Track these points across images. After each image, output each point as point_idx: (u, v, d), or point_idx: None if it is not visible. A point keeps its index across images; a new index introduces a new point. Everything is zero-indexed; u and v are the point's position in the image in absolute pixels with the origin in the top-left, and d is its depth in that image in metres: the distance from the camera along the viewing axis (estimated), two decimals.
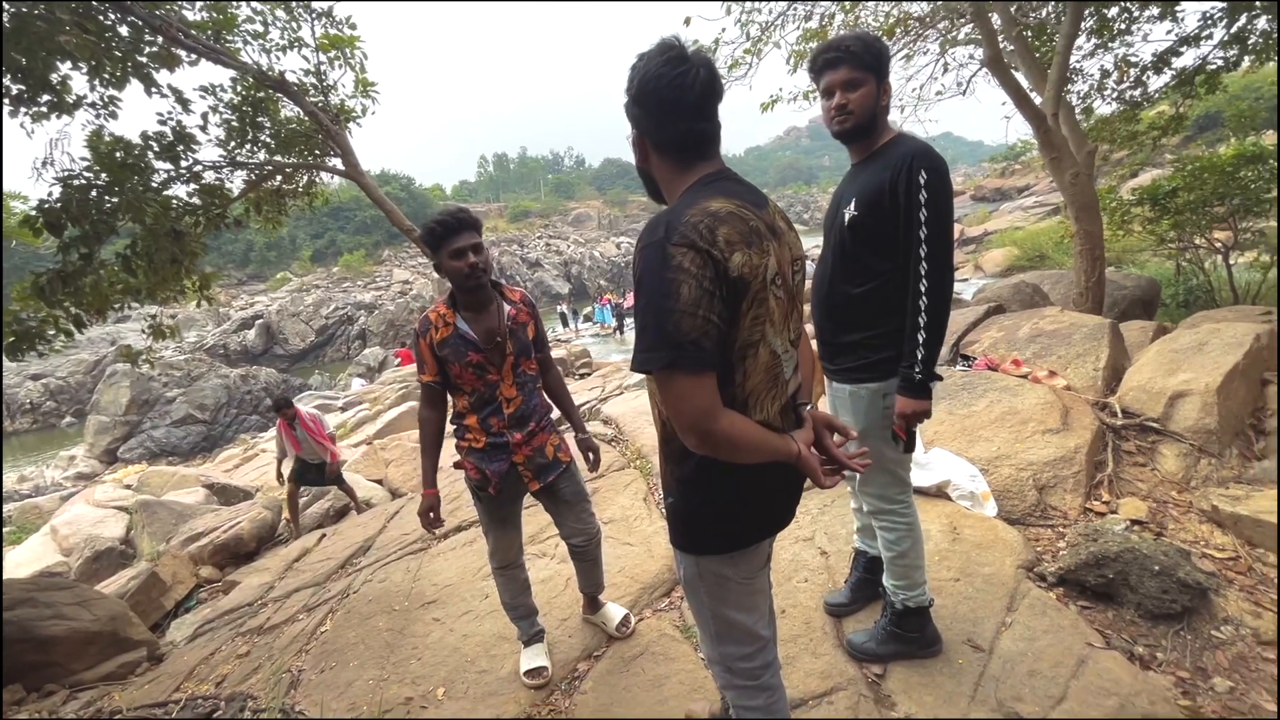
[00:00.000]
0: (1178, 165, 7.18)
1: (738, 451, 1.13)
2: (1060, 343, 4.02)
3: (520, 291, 2.22)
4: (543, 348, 2.27)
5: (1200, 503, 2.66)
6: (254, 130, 4.59)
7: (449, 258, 1.95)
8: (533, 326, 2.19)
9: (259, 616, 3.52)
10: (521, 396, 2.14)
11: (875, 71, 1.71)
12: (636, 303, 1.12)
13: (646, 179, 1.30)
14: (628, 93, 1.19)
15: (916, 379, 1.71)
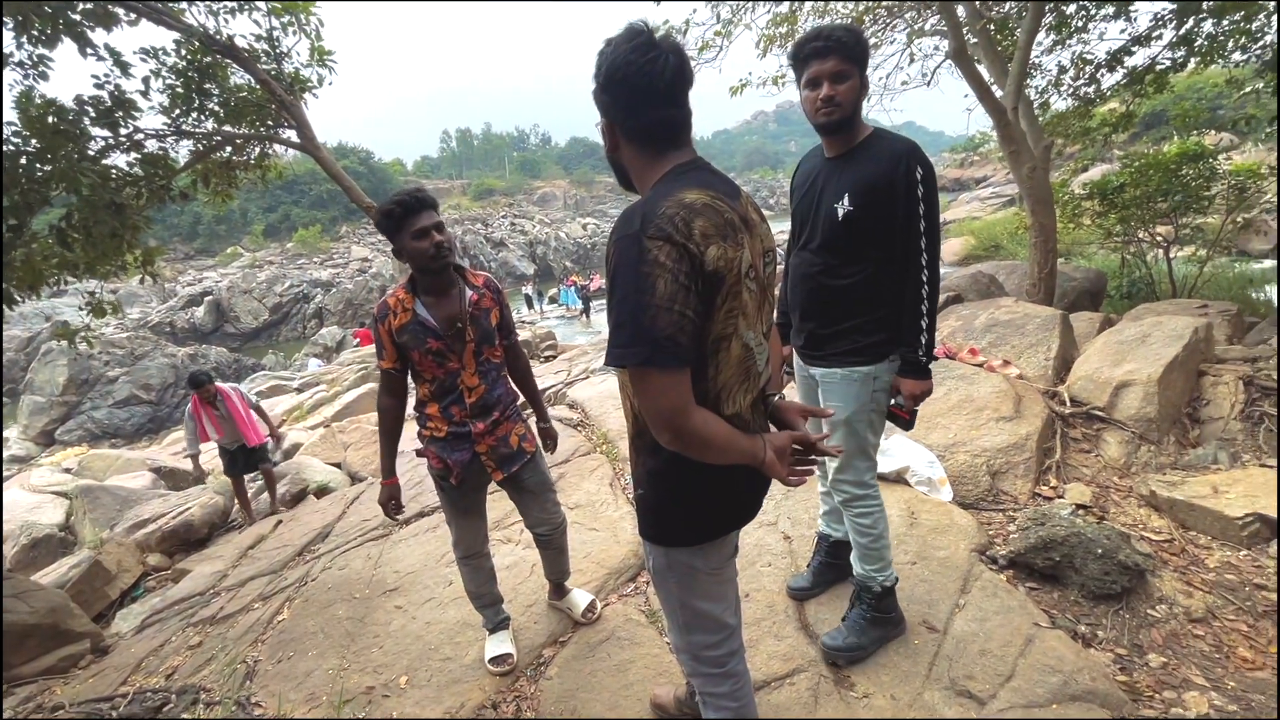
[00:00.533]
0: (1125, 161, 7.46)
1: (708, 450, 1.13)
2: (1014, 333, 4.16)
3: (484, 276, 2.16)
4: (509, 334, 2.22)
5: (1140, 488, 2.80)
6: (201, 98, 4.32)
7: (411, 238, 1.87)
8: (497, 312, 2.13)
9: (211, 606, 3.41)
10: (484, 385, 2.09)
11: (860, 64, 1.73)
12: (611, 296, 1.10)
13: (616, 167, 1.28)
14: (596, 79, 1.16)
15: (922, 361, 1.81)
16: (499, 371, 2.18)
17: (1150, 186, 6.81)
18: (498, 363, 2.16)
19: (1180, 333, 3.44)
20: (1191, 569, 2.33)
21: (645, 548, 1.39)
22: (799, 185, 2.01)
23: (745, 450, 1.16)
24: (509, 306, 2.25)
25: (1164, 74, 6.53)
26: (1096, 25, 6.74)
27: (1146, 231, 7.50)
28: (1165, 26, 6.33)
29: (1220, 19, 6.12)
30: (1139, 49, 6.54)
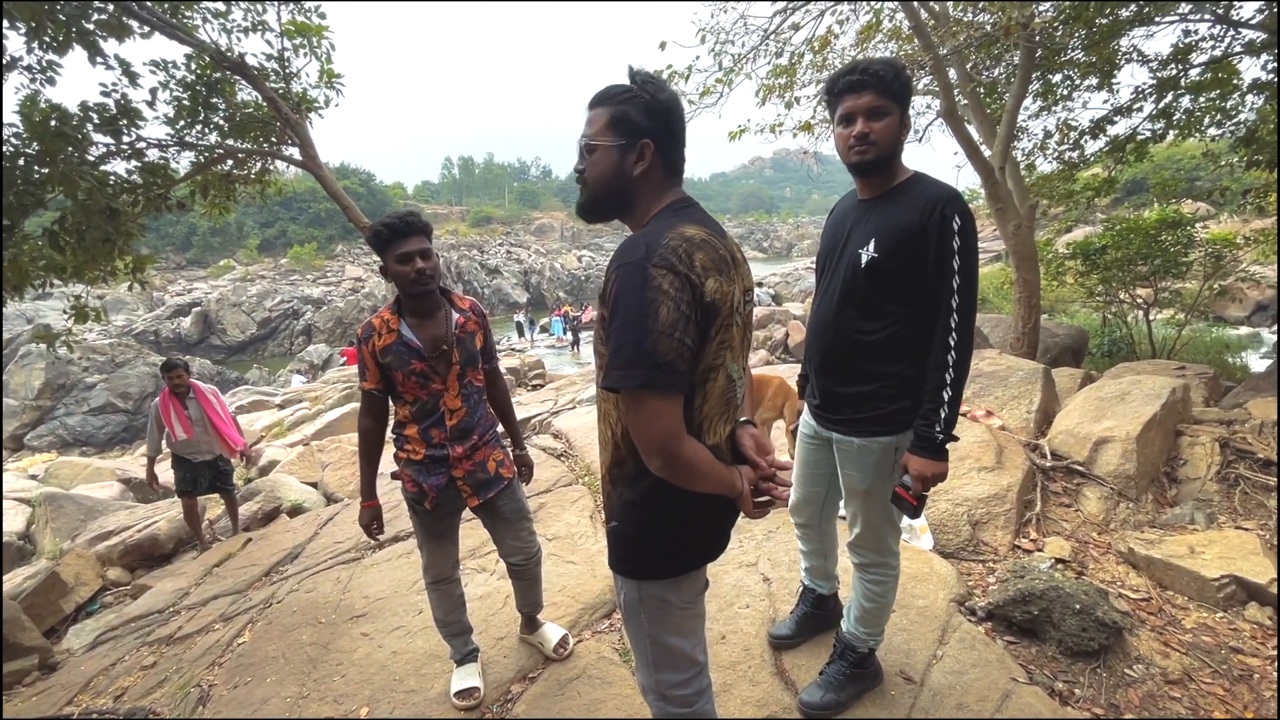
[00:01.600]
0: (1108, 225, 7.71)
1: (695, 478, 1.14)
2: (998, 384, 4.21)
3: (470, 300, 2.17)
4: (491, 359, 2.23)
5: (1118, 544, 2.81)
6: (206, 111, 4.38)
7: (396, 261, 1.89)
8: (481, 336, 2.15)
9: (169, 625, 3.29)
10: (466, 408, 2.08)
11: (900, 101, 1.59)
12: (611, 321, 1.11)
13: (618, 191, 1.24)
14: (638, 101, 1.19)
15: (938, 440, 1.58)
16: (480, 395, 2.17)
17: (1131, 250, 7.03)
18: (480, 386, 2.16)
19: (1158, 392, 3.50)
20: (1169, 629, 2.32)
21: (617, 581, 1.37)
22: (828, 228, 1.86)
23: (725, 481, 1.18)
24: (492, 332, 2.26)
25: (1144, 144, 6.80)
26: (1080, 94, 7.04)
27: (1127, 293, 7.70)
28: (1146, 99, 6.62)
29: (1197, 96, 6.43)
30: (1121, 119, 6.82)
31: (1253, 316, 16.53)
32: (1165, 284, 7.36)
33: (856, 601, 1.96)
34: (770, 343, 15.14)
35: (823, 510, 2.07)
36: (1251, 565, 2.44)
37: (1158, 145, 7.10)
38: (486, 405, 2.22)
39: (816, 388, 1.88)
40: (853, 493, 1.82)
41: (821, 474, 1.98)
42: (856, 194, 1.77)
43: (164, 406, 4.36)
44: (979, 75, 6.54)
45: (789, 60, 6.45)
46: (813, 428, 1.94)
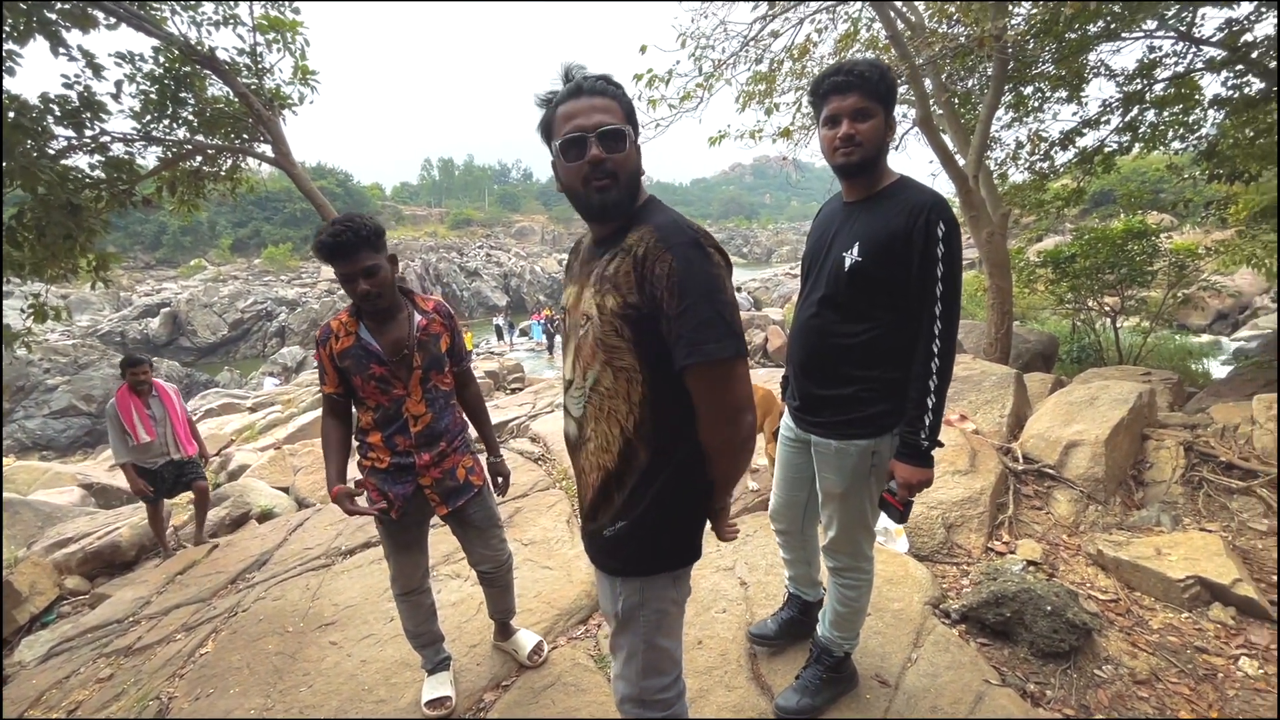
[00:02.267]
0: (1077, 234, 7.90)
1: (749, 450, 1.24)
2: (972, 389, 4.27)
3: (435, 300, 2.09)
4: (460, 360, 2.14)
5: (1088, 546, 2.85)
6: (175, 105, 4.26)
7: (340, 279, 1.82)
8: (448, 338, 2.06)
9: (128, 635, 3.17)
10: (431, 414, 2.00)
11: (885, 103, 1.58)
12: (684, 298, 1.12)
13: (633, 176, 1.23)
14: (627, 102, 1.24)
15: (923, 446, 1.58)
16: (448, 400, 2.09)
17: (1099, 259, 7.23)
18: (446, 390, 2.07)
19: (1126, 397, 3.58)
20: (1136, 630, 2.36)
21: (615, 588, 1.33)
22: (814, 230, 1.85)
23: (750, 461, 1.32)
24: (461, 332, 2.17)
25: (1111, 156, 6.99)
26: (1051, 106, 7.22)
27: (1095, 300, 7.91)
28: (1113, 112, 6.81)
29: (1161, 110, 6.62)
30: (1089, 131, 7.01)
31: (1213, 324, 17.08)
32: (1131, 292, 7.58)
33: (831, 606, 1.96)
34: (750, 347, 15.23)
35: (804, 516, 2.06)
36: (1215, 566, 2.50)
37: (1124, 157, 7.31)
38: (456, 410, 2.15)
39: (796, 390, 1.86)
40: (829, 496, 1.81)
41: (802, 478, 1.97)
42: (842, 196, 1.77)
43: (123, 406, 4.03)
44: (953, 85, 6.67)
45: (768, 67, 6.51)
46: (793, 430, 1.93)
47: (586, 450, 1.31)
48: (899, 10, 6.17)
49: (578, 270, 1.37)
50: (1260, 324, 15.42)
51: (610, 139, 1.17)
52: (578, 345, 1.28)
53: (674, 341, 1.14)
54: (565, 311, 1.39)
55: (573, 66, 1.24)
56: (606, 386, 1.24)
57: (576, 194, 1.23)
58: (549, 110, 1.23)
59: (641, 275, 1.15)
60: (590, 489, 1.32)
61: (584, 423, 1.30)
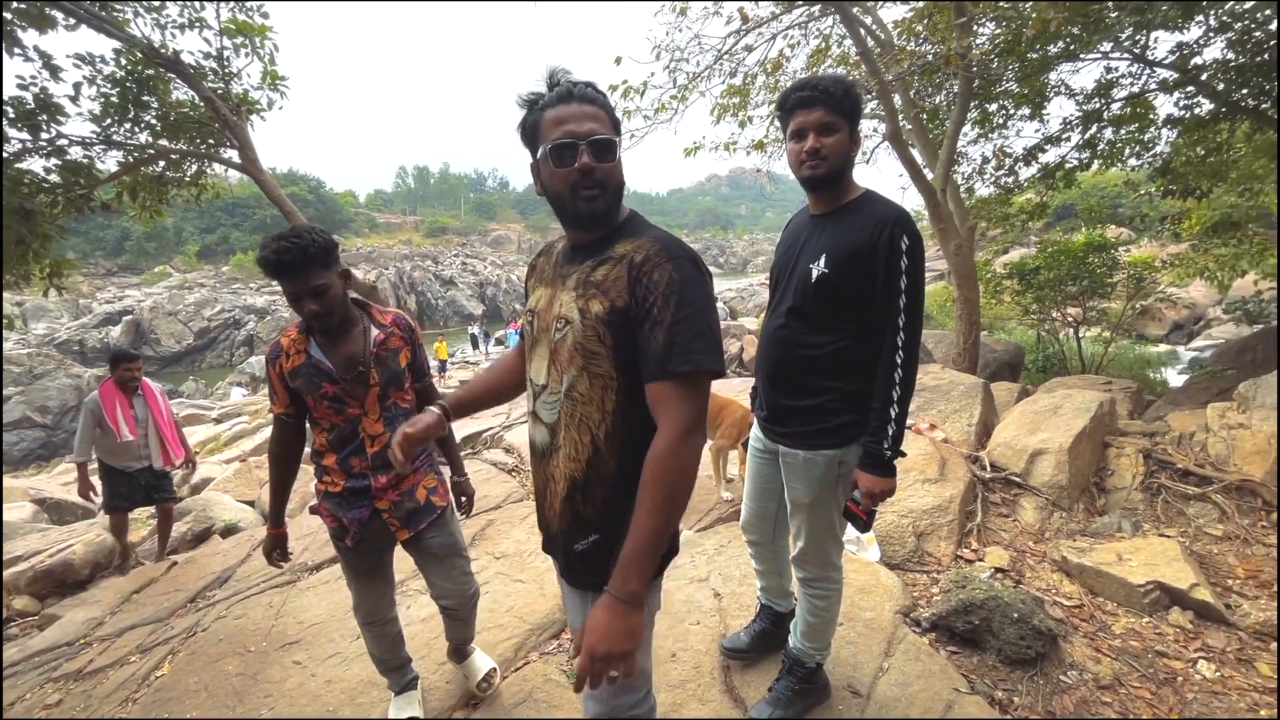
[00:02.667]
0: (1040, 247, 8.13)
1: (692, 484, 1.17)
2: (941, 398, 4.35)
3: (394, 313, 1.98)
4: (423, 376, 2.03)
5: (1053, 553, 2.91)
6: (137, 109, 4.14)
7: (287, 297, 1.70)
8: (408, 352, 1.95)
9: (79, 659, 3.04)
10: (389, 433, 1.86)
11: (850, 118, 1.62)
12: (681, 308, 1.12)
13: (620, 185, 1.24)
14: (613, 112, 1.24)
15: (886, 456, 1.60)
16: (409, 418, 1.99)
17: (1062, 271, 7.44)
18: (407, 408, 1.94)
19: (1088, 406, 3.67)
20: (1100, 635, 2.41)
21: (588, 603, 1.28)
22: (782, 242, 1.88)
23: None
24: (423, 346, 2.06)
25: (1072, 171, 7.22)
26: (1015, 123, 7.43)
27: (1059, 311, 8.14)
28: (1073, 130, 7.04)
29: (1118, 128, 6.87)
30: (1051, 147, 7.23)
31: (1170, 335, 17.70)
32: (1093, 303, 7.81)
33: (802, 616, 1.96)
34: (727, 356, 15.32)
35: (775, 527, 2.07)
36: (1173, 571, 2.57)
37: (1084, 173, 7.56)
38: None
39: (764, 400, 1.88)
40: (798, 506, 1.82)
41: (772, 489, 1.97)
42: (810, 210, 1.80)
43: (108, 402, 3.89)
44: (922, 101, 6.83)
45: (743, 80, 6.59)
46: (762, 441, 1.94)
47: (556, 458, 1.27)
48: (869, 28, 6.32)
49: (550, 273, 1.35)
50: (1214, 334, 16.03)
51: (601, 148, 1.16)
52: (554, 349, 1.25)
53: (660, 348, 1.11)
54: (533, 314, 1.35)
55: (558, 70, 1.22)
56: (582, 392, 1.21)
57: (562, 200, 1.20)
58: (534, 112, 1.21)
59: (636, 279, 1.15)
60: (557, 498, 1.29)
61: (556, 429, 1.27)
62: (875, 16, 6.55)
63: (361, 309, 1.91)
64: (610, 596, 1.09)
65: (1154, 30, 5.44)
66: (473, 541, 3.56)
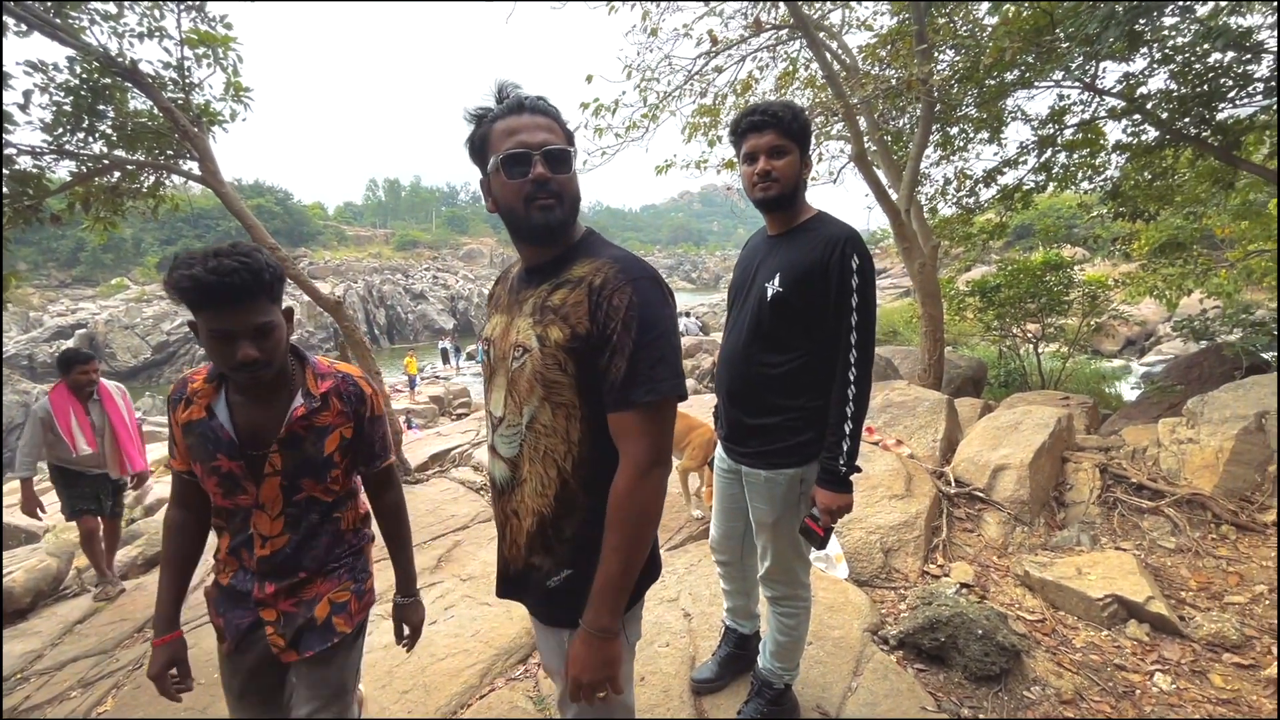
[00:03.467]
0: (1001, 265, 8.40)
1: (658, 516, 1.17)
2: (907, 414, 4.42)
3: (338, 375, 1.45)
4: (374, 459, 1.52)
5: (1015, 568, 2.96)
6: (91, 118, 4.00)
7: (208, 335, 1.23)
8: (347, 430, 1.43)
9: (15, 695, 2.86)
10: (290, 536, 1.39)
11: (800, 142, 1.67)
12: (644, 333, 1.09)
13: (575, 201, 1.20)
14: (566, 125, 1.21)
15: (841, 472, 1.62)
16: (329, 517, 1.45)
17: (1021, 289, 7.69)
18: (328, 503, 1.45)
19: (1047, 422, 3.77)
20: (1061, 649, 2.45)
21: (564, 640, 1.21)
22: (740, 262, 1.91)
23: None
24: (382, 419, 1.54)
25: (1029, 193, 7.48)
26: (974, 146, 7.69)
27: (1019, 328, 8.38)
28: (1029, 154, 7.30)
29: (1071, 153, 7.16)
30: (1009, 170, 7.50)
31: (1123, 350, 18.38)
32: (1051, 320, 8.07)
33: (771, 636, 1.96)
34: (698, 372, 15.39)
35: (743, 546, 2.06)
36: (1130, 584, 2.63)
37: (1041, 195, 7.85)
38: (342, 532, 1.50)
39: (725, 419, 1.89)
40: (762, 525, 1.83)
41: (738, 508, 1.97)
42: (767, 230, 1.84)
43: (59, 409, 3.49)
44: (886, 124, 7.02)
45: (713, 100, 6.70)
46: (726, 461, 1.95)
47: (521, 493, 1.22)
48: (835, 53, 6.49)
49: (506, 300, 1.30)
50: (1164, 349, 16.70)
51: (555, 159, 1.13)
52: (511, 379, 1.19)
53: (621, 377, 1.08)
54: (489, 343, 1.30)
55: (506, 84, 1.19)
56: (544, 424, 1.16)
57: (515, 213, 1.15)
58: (482, 126, 1.17)
59: (596, 304, 1.10)
60: (524, 533, 1.23)
61: (518, 463, 1.21)
62: (841, 42, 6.74)
63: (300, 363, 1.43)
64: (585, 631, 1.12)
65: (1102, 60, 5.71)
66: (438, 564, 3.48)
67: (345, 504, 1.51)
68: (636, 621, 1.31)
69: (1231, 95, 5.24)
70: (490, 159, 1.15)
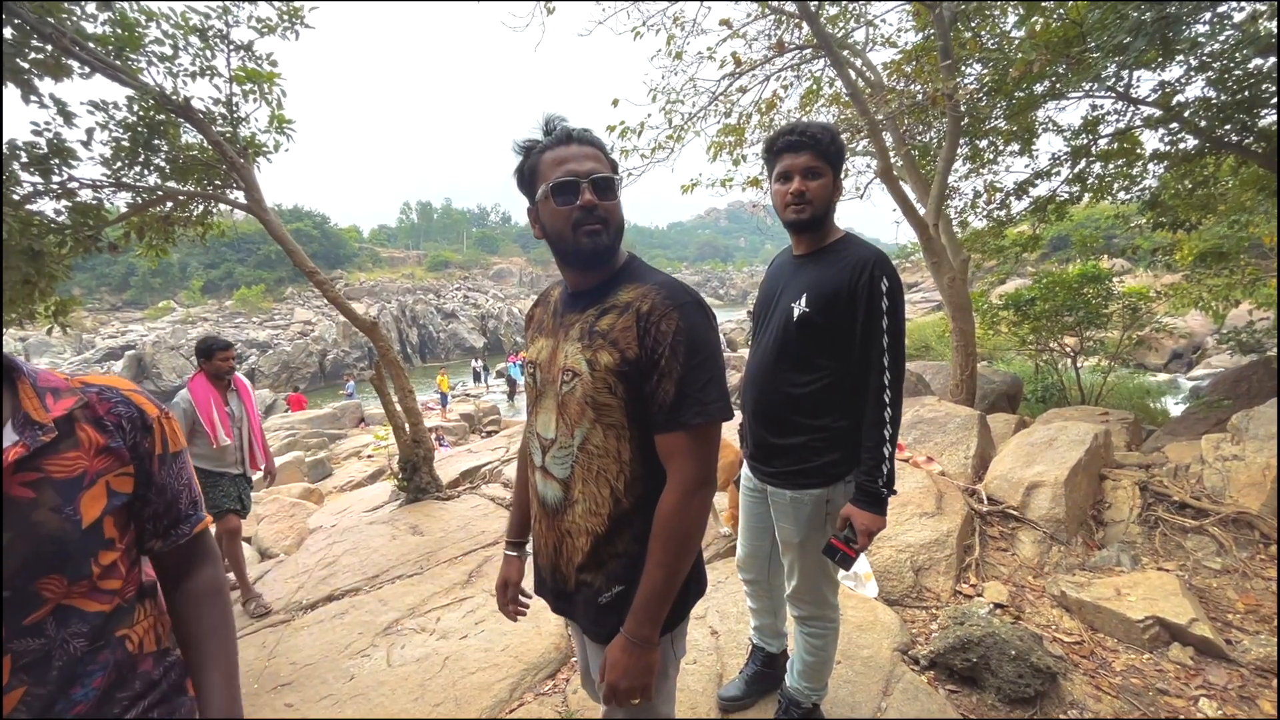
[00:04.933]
0: (1036, 278, 8.23)
1: (701, 532, 1.19)
2: (937, 430, 4.35)
3: (98, 386, 0.90)
4: (178, 523, 0.96)
5: (1052, 588, 2.89)
6: (147, 152, 4.26)
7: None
8: (123, 478, 0.87)
9: None
10: (27, 688, 0.77)
11: (834, 164, 1.67)
12: (691, 357, 1.12)
13: (620, 227, 1.24)
14: (611, 157, 1.26)
15: (882, 494, 1.61)
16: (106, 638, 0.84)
17: (1057, 302, 7.52)
18: (104, 615, 0.84)
19: (1083, 438, 3.68)
20: (1100, 672, 2.38)
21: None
22: (765, 281, 1.93)
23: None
24: (183, 454, 0.97)
25: (1063, 205, 7.35)
26: (1004, 159, 7.59)
27: (1056, 341, 8.18)
28: (1062, 165, 7.18)
29: (1106, 163, 7.02)
30: (1041, 181, 7.38)
31: (1170, 363, 17.71)
32: (1089, 333, 7.85)
33: (799, 655, 1.95)
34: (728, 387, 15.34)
35: (770, 565, 2.06)
36: (1172, 606, 2.54)
37: (1076, 206, 7.69)
38: (141, 663, 0.89)
39: (750, 439, 1.90)
40: (788, 545, 1.83)
41: (765, 527, 1.97)
42: (792, 250, 1.85)
43: (200, 399, 3.30)
44: (912, 139, 6.99)
45: (737, 120, 6.77)
46: (752, 480, 1.95)
47: (573, 513, 1.23)
48: (859, 70, 6.52)
49: (550, 323, 1.33)
50: (1212, 363, 16.03)
51: (602, 187, 1.17)
52: (561, 402, 1.22)
53: (670, 400, 1.11)
54: (535, 366, 1.33)
55: (554, 117, 1.24)
56: (596, 445, 1.19)
57: (563, 239, 1.19)
58: (531, 156, 1.22)
59: (644, 330, 1.13)
60: (577, 554, 1.23)
61: (571, 484, 1.23)
62: (864, 59, 6.76)
63: (8, 376, 0.83)
64: (625, 638, 1.15)
65: (1136, 70, 5.61)
66: (469, 579, 3.54)
67: (138, 608, 0.90)
68: (682, 638, 1.31)
69: (1275, 101, 5.10)
70: (539, 187, 1.20)
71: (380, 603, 3.34)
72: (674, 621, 1.25)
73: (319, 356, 33.62)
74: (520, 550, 1.53)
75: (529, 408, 1.36)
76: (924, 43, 6.24)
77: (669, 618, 1.23)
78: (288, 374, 30.42)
